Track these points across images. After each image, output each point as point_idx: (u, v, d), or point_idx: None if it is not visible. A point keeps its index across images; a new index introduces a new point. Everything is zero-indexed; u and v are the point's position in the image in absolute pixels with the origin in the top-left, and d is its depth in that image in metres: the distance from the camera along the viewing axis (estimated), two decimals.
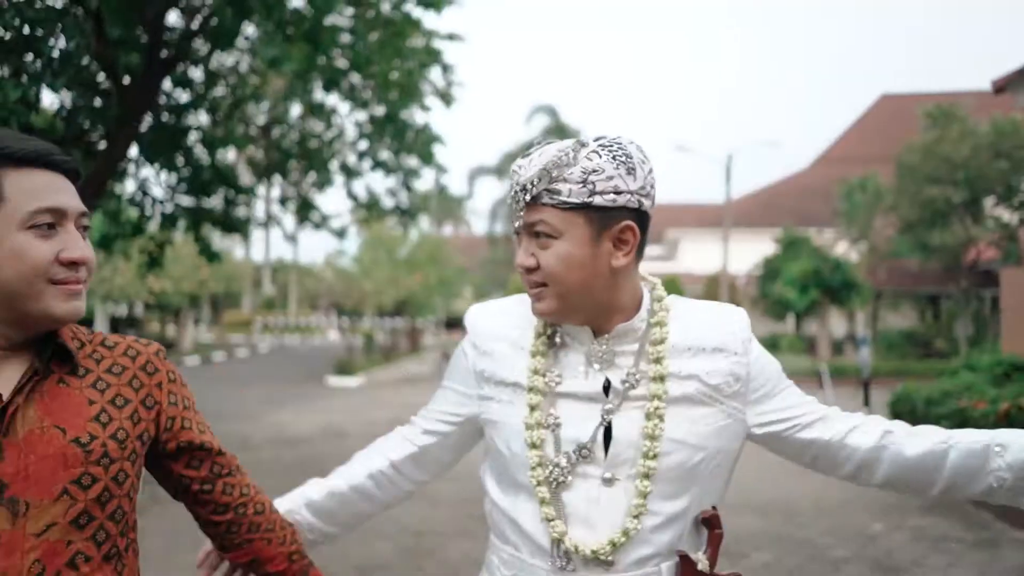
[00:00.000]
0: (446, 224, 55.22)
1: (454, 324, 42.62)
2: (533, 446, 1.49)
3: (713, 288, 33.55)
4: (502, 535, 1.57)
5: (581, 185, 1.40)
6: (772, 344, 23.11)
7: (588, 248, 1.43)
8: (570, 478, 1.46)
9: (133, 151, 7.57)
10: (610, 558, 1.44)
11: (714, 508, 1.53)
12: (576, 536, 1.45)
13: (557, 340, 1.54)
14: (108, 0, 5.45)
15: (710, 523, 1.53)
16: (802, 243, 25.63)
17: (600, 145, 1.43)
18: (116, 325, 26.44)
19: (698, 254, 44.34)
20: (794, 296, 23.16)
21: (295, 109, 10.00)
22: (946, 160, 19.20)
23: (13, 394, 1.27)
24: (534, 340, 1.55)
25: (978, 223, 20.13)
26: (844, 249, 25.39)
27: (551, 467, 1.48)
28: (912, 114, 25.84)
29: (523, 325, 1.57)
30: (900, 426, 1.54)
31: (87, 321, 26.29)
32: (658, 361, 1.48)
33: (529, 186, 1.43)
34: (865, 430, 1.52)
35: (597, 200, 1.40)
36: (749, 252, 31.98)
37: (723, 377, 1.49)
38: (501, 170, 43.50)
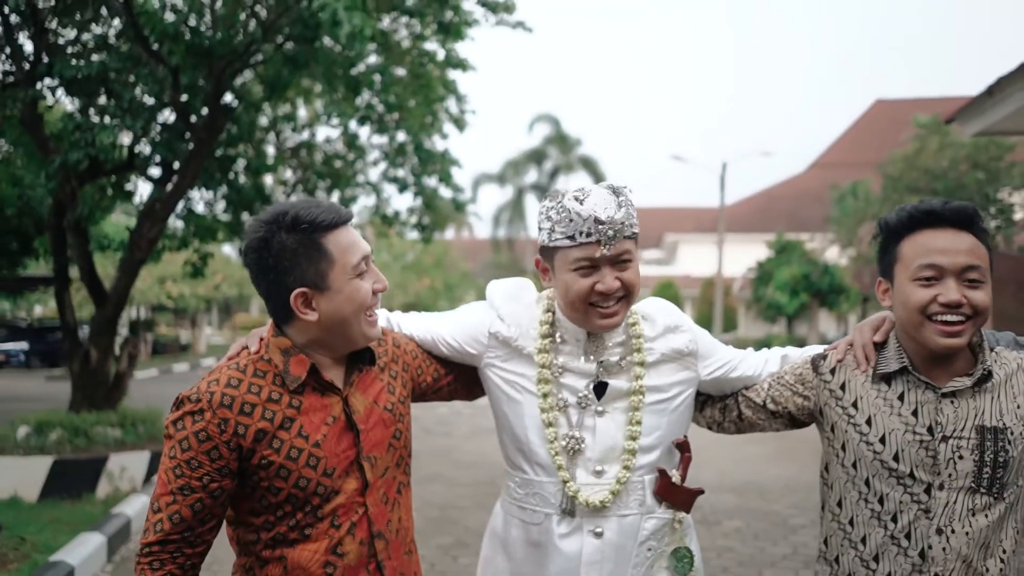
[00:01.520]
0: (448, 227, 56.16)
1: None
2: (549, 424, 1.92)
3: (709, 291, 34.55)
4: (513, 460, 2.01)
5: (636, 220, 1.89)
6: (765, 345, 23.99)
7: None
8: (580, 433, 1.93)
9: None
10: (609, 505, 1.89)
11: (685, 437, 2.01)
12: (587, 442, 1.94)
13: (557, 338, 1.98)
14: (186, 58, 6.48)
15: (682, 447, 1.99)
16: (794, 248, 26.62)
17: (623, 187, 1.91)
18: (135, 327, 27.41)
19: (696, 258, 45.11)
20: (785, 300, 24.13)
21: (320, 133, 11.02)
22: (927, 171, 20.11)
23: (344, 385, 1.78)
24: (539, 340, 1.97)
25: None
26: (836, 254, 26.23)
27: (568, 438, 1.93)
28: (906, 119, 26.61)
29: (530, 319, 2.01)
30: (793, 351, 2.14)
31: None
32: (639, 350, 1.98)
33: (620, 227, 1.85)
34: (772, 362, 2.10)
35: (637, 228, 1.90)
36: (746, 256, 32.83)
37: (682, 343, 2.01)
38: (503, 177, 44.41)
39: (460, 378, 2.05)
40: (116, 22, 7.57)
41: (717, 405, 2.12)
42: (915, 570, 1.81)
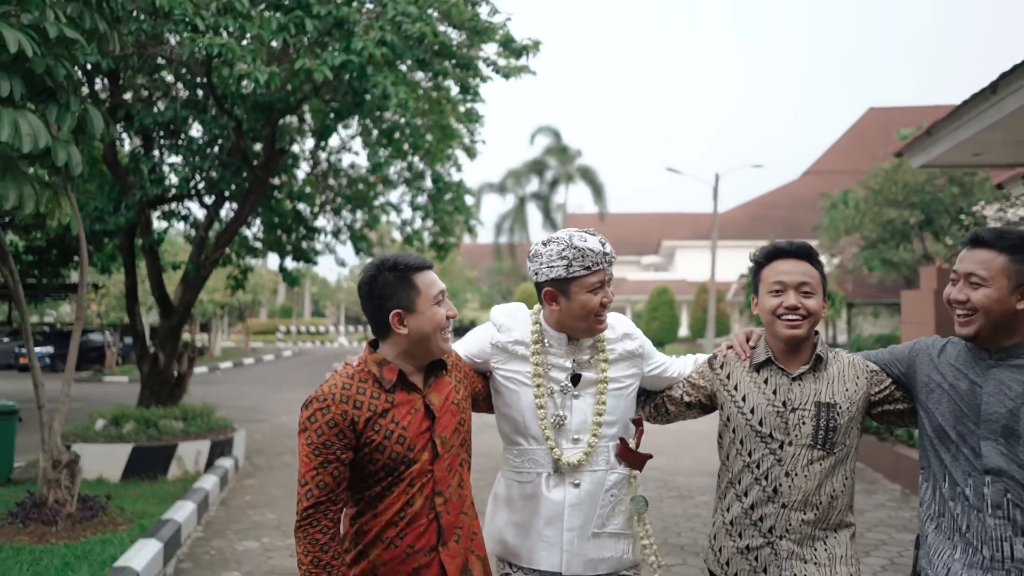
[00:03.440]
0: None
1: (461, 331, 44.78)
2: (541, 407, 2.48)
3: (703, 297, 35.77)
4: (511, 438, 2.54)
5: None
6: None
7: None
8: (563, 412, 2.47)
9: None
10: (584, 464, 2.43)
11: (638, 414, 2.63)
12: (567, 419, 2.47)
13: (545, 344, 2.52)
14: (250, 111, 7.79)
15: (637, 423, 2.59)
16: None
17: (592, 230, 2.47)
18: (154, 331, 28.68)
19: (693, 263, 46.09)
20: None
21: (345, 159, 12.28)
22: (905, 185, 21.27)
23: (424, 387, 2.31)
24: (532, 345, 2.50)
25: (938, 241, 22.08)
26: (826, 260, 27.21)
27: (554, 416, 2.47)
28: (898, 127, 27.49)
29: (523, 331, 2.55)
30: (700, 356, 2.72)
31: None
32: (603, 350, 2.53)
33: (613, 256, 2.45)
34: (688, 367, 2.70)
35: None
36: (740, 262, 33.71)
37: (634, 346, 2.58)
38: (504, 186, 45.68)
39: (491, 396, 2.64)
40: (165, 68, 8.81)
41: (650, 404, 2.75)
42: (769, 500, 2.42)
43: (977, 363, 2.30)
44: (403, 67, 8.42)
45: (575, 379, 2.49)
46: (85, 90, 8.48)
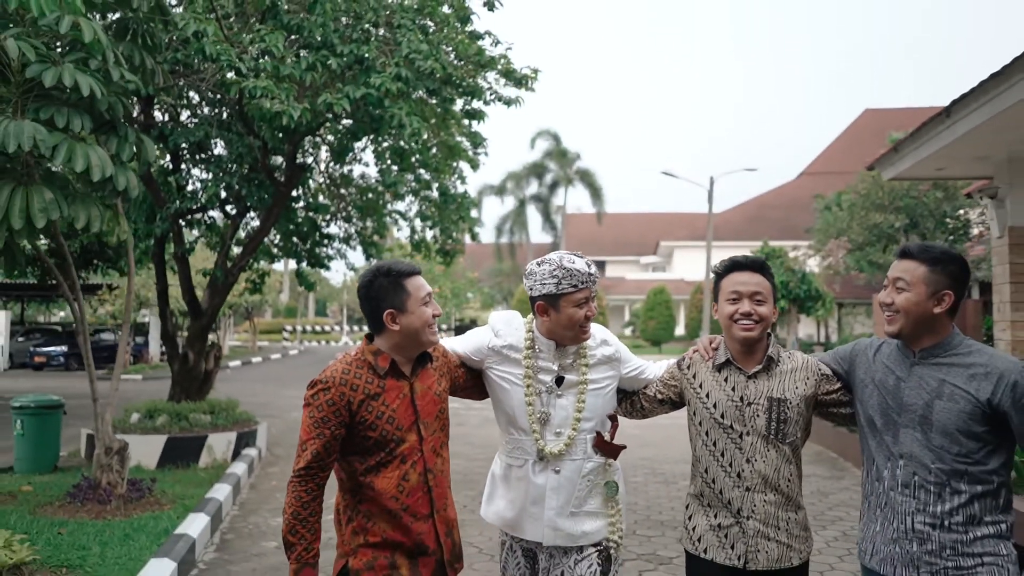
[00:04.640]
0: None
1: (462, 330, 45.55)
2: (530, 404, 2.79)
3: (698, 297, 36.57)
4: (506, 428, 2.87)
5: None
6: None
7: None
8: (548, 409, 2.78)
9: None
10: (564, 453, 2.75)
11: (615, 411, 2.92)
12: (551, 415, 2.79)
13: (536, 349, 2.82)
14: (274, 133, 8.60)
15: (612, 418, 2.89)
16: (777, 256, 28.49)
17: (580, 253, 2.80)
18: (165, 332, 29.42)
19: (690, 263, 46.80)
20: None
21: (356, 170, 13.07)
22: (890, 190, 22.03)
23: (411, 376, 2.60)
24: (525, 351, 2.81)
25: None
26: (817, 262, 27.89)
27: (540, 412, 2.79)
28: (892, 128, 28.11)
29: (517, 338, 2.84)
30: (671, 360, 3.01)
31: (144, 327, 28.70)
32: (584, 356, 2.83)
33: (597, 276, 2.74)
34: (661, 370, 2.98)
35: None
36: None
37: (610, 351, 2.86)
38: (503, 189, 46.47)
39: (476, 384, 2.97)
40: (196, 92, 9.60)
41: (627, 401, 3.04)
42: (735, 485, 2.70)
43: (904, 361, 2.60)
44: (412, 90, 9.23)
45: (559, 381, 2.81)
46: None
